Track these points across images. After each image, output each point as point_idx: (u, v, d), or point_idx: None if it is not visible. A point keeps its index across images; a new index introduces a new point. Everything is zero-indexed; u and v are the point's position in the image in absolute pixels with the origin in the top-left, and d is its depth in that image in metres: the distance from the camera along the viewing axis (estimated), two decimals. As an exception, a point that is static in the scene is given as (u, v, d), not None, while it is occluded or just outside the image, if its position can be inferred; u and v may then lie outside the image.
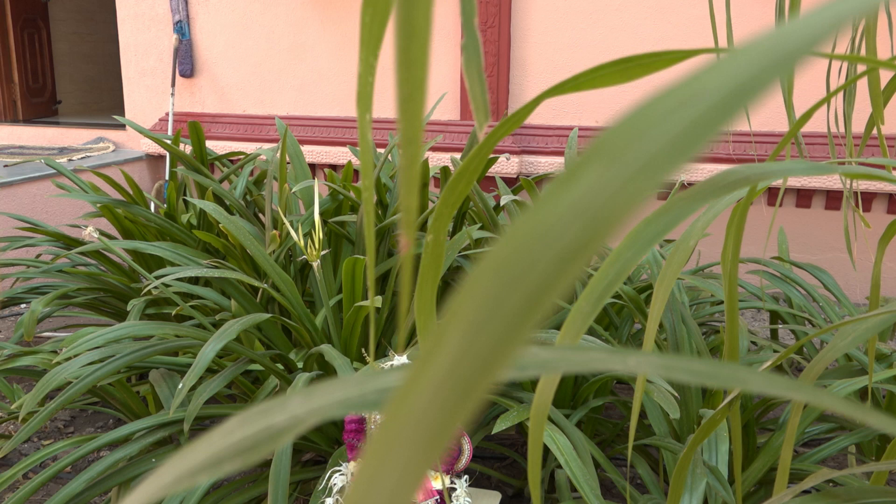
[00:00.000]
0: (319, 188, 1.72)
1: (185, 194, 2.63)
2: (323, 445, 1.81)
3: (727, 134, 3.33)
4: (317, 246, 1.59)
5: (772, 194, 3.31)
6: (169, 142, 2.21)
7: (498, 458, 2.15)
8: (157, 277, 1.76)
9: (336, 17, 3.73)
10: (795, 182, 3.19)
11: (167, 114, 4.00)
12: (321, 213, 2.02)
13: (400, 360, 1.36)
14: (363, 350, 1.47)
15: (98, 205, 2.03)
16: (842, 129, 2.79)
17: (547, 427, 1.46)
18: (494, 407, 1.87)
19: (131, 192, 2.43)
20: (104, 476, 1.42)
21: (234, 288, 1.87)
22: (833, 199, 3.27)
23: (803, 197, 3.28)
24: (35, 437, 2.25)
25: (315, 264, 1.61)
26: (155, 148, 4.05)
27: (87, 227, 1.57)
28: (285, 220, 1.58)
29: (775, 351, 1.95)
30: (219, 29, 3.95)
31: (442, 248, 0.45)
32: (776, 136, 3.28)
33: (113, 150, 4.13)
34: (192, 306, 1.95)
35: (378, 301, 1.50)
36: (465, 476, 1.37)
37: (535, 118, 3.52)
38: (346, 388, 0.26)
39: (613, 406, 2.27)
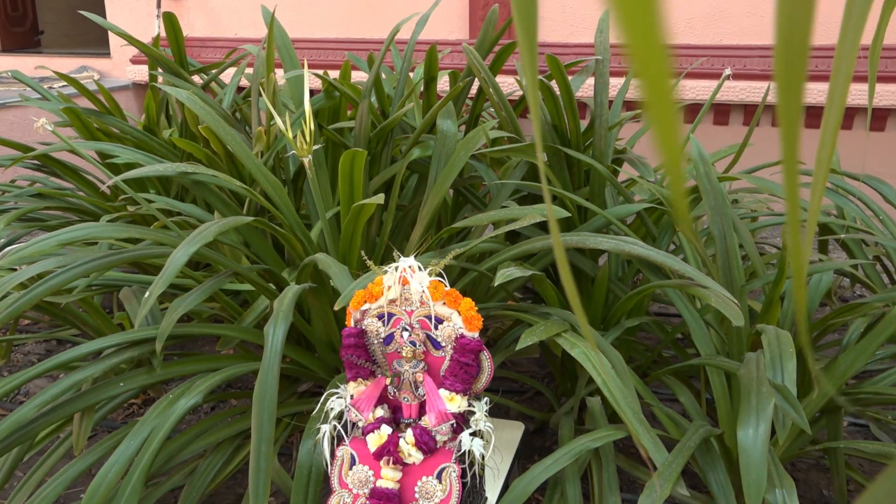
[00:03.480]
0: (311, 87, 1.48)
1: (167, 111, 2.39)
2: (321, 373, 1.60)
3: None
4: (308, 140, 1.36)
5: (811, 115, 3.05)
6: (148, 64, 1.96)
7: (517, 391, 1.94)
8: (129, 190, 1.53)
9: (333, -71, 3.45)
10: (862, 100, 2.93)
11: (153, 39, 3.73)
12: (315, 115, 1.78)
13: (407, 262, 1.14)
14: (362, 254, 1.24)
15: (63, 108, 1.79)
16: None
17: (580, 344, 1.24)
18: (514, 330, 1.65)
19: (108, 106, 2.19)
20: (63, 400, 1.21)
21: (217, 199, 1.64)
22: (878, 118, 3.01)
23: (846, 117, 3.02)
24: (6, 371, 2.04)
25: (306, 160, 1.37)
26: (142, 76, 3.79)
27: (41, 120, 1.34)
28: (273, 111, 1.34)
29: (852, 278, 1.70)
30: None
31: None
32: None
33: (98, 80, 3.87)
34: (173, 223, 1.73)
35: (380, 198, 1.27)
36: (486, 399, 1.16)
37: (550, 35, 3.25)
38: None
39: (650, 335, 2.05)
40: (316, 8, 3.53)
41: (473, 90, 1.90)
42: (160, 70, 1.90)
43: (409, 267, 1.13)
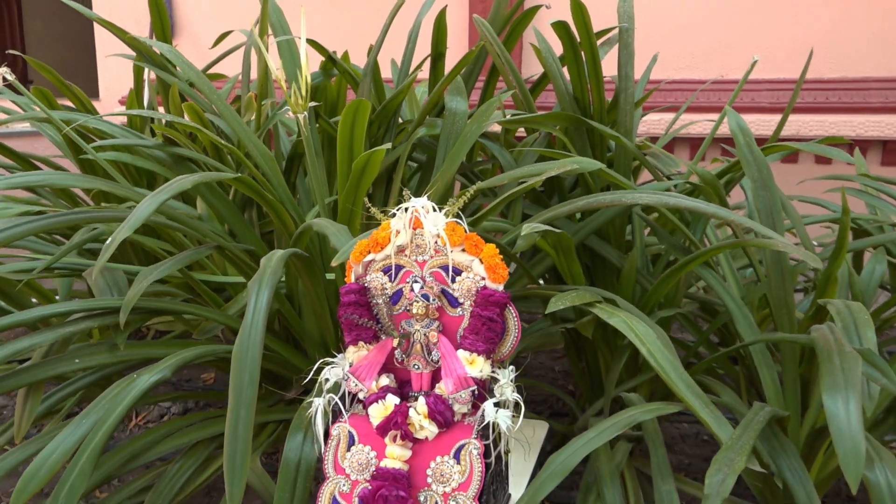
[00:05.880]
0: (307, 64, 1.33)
1: (151, 119, 2.25)
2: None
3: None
4: (303, 92, 1.21)
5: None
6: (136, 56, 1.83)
7: (531, 411, 1.73)
8: (110, 170, 1.37)
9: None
10: (878, 132, 2.83)
11: (143, 81, 3.64)
12: (312, 95, 1.64)
13: (419, 202, 0.96)
14: (365, 201, 1.07)
15: (32, 88, 1.64)
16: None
17: (619, 313, 1.06)
18: (532, 325, 1.47)
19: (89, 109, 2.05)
20: (5, 374, 1.01)
21: (201, 184, 1.47)
22: (891, 153, 2.90)
23: (891, 152, 2.90)
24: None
25: (301, 117, 1.22)
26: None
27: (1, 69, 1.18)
28: (267, 56, 1.19)
29: None
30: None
31: None
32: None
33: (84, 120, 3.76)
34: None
35: (388, 145, 1.11)
36: (511, 367, 0.97)
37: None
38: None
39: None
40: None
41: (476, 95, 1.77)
42: (145, 66, 1.76)
43: (423, 207, 0.96)
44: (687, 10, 3.14)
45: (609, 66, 1.50)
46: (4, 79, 1.19)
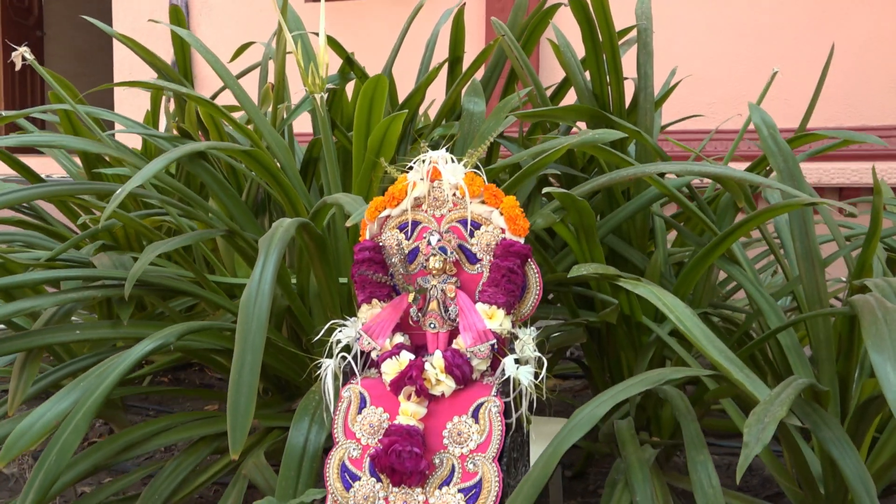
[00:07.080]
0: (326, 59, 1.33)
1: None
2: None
3: None
4: (321, 72, 1.19)
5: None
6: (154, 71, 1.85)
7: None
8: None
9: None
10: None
11: (160, 106, 3.72)
12: (329, 106, 1.63)
13: (438, 154, 0.93)
14: (381, 161, 1.03)
15: (50, 93, 1.64)
16: None
17: (645, 285, 1.01)
18: (553, 325, 1.41)
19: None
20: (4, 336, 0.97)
21: (210, 176, 1.45)
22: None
23: None
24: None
25: (318, 98, 1.20)
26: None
27: (21, 49, 1.18)
28: (290, 39, 1.18)
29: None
30: (219, 24, 3.73)
31: None
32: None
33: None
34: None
35: (405, 112, 1.08)
36: (532, 327, 0.91)
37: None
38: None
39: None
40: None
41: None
42: (161, 80, 1.77)
43: (441, 158, 0.93)
44: (704, 60, 3.17)
45: (628, 72, 1.50)
46: (24, 58, 1.19)
